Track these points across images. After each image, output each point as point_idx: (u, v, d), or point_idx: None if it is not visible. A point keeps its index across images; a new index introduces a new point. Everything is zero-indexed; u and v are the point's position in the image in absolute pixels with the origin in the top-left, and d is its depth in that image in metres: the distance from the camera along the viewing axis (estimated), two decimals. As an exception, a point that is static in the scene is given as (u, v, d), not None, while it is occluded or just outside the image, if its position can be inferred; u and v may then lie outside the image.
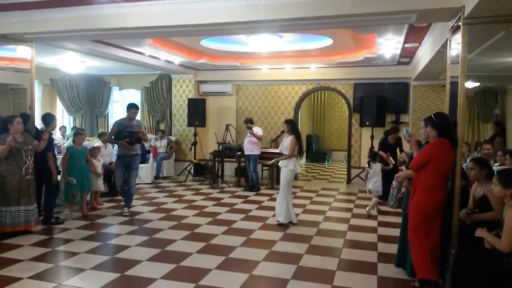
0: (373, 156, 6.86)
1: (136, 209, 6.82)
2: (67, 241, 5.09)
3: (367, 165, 6.84)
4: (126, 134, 6.29)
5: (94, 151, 6.92)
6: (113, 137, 6.50)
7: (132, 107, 6.57)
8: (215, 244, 5.07)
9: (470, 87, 8.87)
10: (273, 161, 6.62)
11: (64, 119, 12.21)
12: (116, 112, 12.08)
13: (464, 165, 5.33)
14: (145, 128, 7.12)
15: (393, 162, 7.23)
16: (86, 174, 6.38)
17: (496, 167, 4.73)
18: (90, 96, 12.04)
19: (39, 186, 5.56)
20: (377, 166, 6.72)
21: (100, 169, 6.90)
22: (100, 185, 6.96)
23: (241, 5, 4.57)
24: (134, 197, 7.56)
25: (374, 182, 6.64)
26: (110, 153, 7.80)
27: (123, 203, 6.64)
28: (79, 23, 5.31)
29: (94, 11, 5.16)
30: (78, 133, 6.52)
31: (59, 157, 6.73)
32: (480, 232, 3.20)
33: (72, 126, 11.76)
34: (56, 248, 4.82)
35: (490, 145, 5.99)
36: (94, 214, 6.41)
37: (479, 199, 3.74)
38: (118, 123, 6.52)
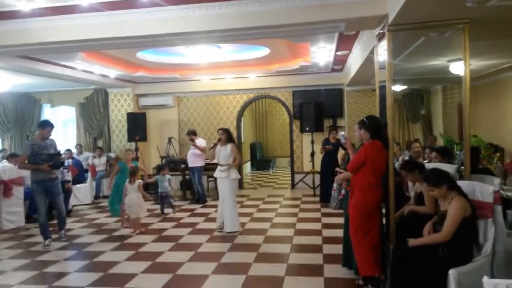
0: None
1: (75, 232, 6.44)
2: (-3, 273, 4.68)
3: None
4: (45, 157, 5.56)
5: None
6: (27, 161, 5.59)
7: (47, 125, 5.73)
8: (162, 262, 4.91)
9: (398, 90, 9.47)
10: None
11: (-10, 141, 11.31)
12: (49, 130, 11.38)
13: (396, 164, 5.66)
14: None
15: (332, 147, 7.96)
16: None
17: (426, 163, 5.05)
18: (19, 115, 11.28)
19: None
20: None
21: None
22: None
23: (176, 16, 4.56)
24: (73, 219, 7.21)
25: None
26: None
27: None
28: (3, 38, 4.99)
29: (19, 25, 4.89)
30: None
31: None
32: (413, 242, 3.32)
33: (0, 148, 10.90)
34: (-16, 283, 4.41)
35: (418, 143, 6.41)
36: (26, 242, 5.96)
37: (418, 195, 4.04)
38: (31, 145, 5.66)
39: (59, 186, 5.90)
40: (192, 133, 8.77)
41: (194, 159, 8.55)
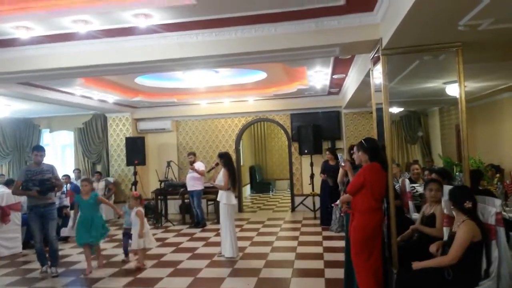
0: None
1: (72, 258, 6.35)
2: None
3: None
4: (36, 183, 5.41)
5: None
6: (20, 188, 5.46)
7: (34, 150, 5.72)
8: (160, 288, 4.83)
9: (395, 112, 9.53)
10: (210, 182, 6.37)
11: (-12, 166, 11.25)
12: (47, 156, 11.33)
13: (396, 186, 5.64)
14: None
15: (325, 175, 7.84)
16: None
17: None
18: (17, 140, 11.28)
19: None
20: None
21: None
22: None
23: (174, 43, 4.63)
24: (70, 245, 7.10)
25: None
26: None
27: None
28: (3, 65, 5.06)
29: (18, 53, 4.95)
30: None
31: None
32: (417, 265, 3.30)
33: (-2, 174, 10.86)
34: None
35: (417, 165, 6.41)
36: (23, 269, 5.85)
37: (427, 216, 4.00)
38: (25, 171, 5.57)
39: (54, 212, 5.73)
40: (193, 154, 8.85)
41: (193, 183, 8.54)
